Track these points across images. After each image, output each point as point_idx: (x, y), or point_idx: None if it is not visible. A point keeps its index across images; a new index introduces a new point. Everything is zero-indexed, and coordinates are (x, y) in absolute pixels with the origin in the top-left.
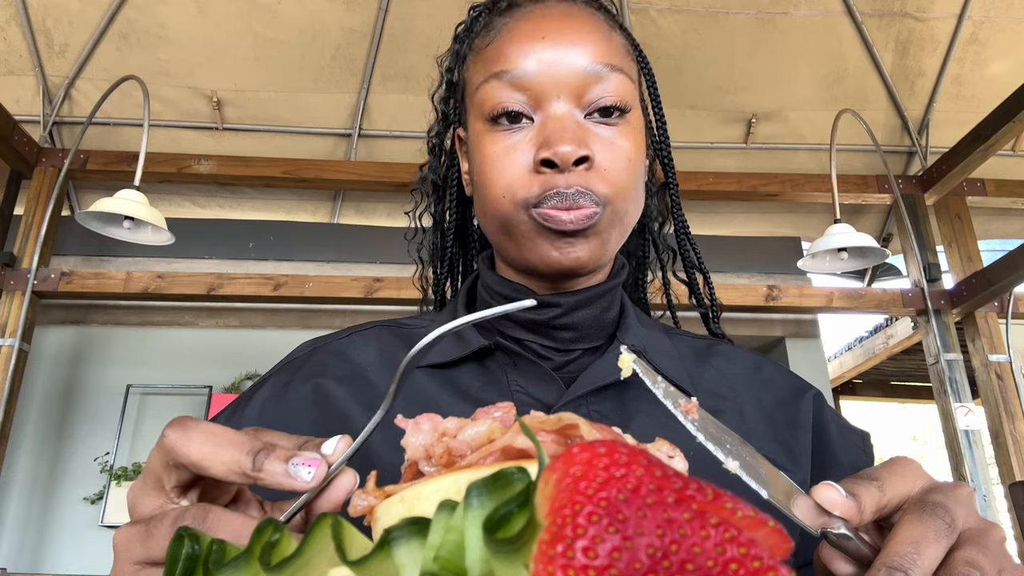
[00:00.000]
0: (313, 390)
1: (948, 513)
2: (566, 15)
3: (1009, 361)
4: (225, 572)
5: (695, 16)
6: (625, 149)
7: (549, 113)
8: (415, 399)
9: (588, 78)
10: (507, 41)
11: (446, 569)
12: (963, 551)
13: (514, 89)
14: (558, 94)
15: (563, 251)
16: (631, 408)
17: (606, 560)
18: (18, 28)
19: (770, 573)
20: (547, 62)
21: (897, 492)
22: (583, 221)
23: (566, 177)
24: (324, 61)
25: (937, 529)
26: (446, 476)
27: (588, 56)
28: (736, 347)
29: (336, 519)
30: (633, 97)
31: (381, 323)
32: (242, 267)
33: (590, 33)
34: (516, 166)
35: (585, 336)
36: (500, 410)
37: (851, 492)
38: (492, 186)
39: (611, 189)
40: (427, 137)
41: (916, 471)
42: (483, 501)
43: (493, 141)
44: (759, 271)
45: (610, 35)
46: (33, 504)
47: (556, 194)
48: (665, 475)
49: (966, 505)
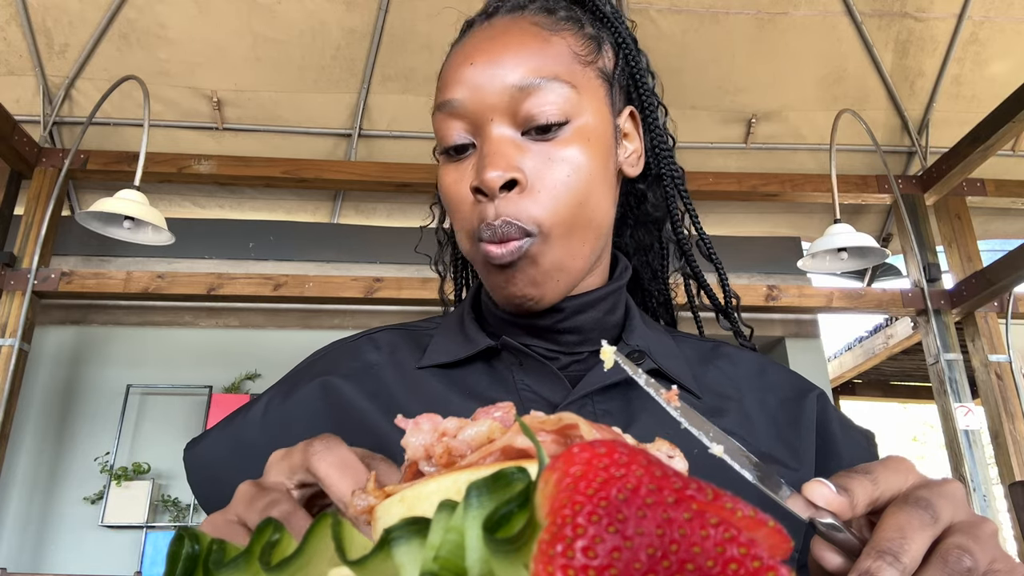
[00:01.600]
0: (320, 386)
1: (932, 506)
2: (501, 31)
3: (1009, 361)
4: (225, 572)
5: (695, 16)
6: (567, 161)
7: (485, 137)
8: (423, 398)
9: (516, 95)
10: (447, 69)
11: (446, 569)
12: (954, 538)
13: (453, 119)
14: (491, 116)
15: (504, 286)
16: (636, 406)
17: (606, 560)
18: (18, 28)
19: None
20: (475, 87)
21: (890, 486)
22: (512, 254)
23: (495, 206)
24: (324, 61)
25: (921, 519)
26: (446, 476)
27: (515, 72)
28: (740, 348)
29: (336, 519)
30: (576, 103)
31: (391, 327)
32: (242, 267)
33: (520, 47)
34: (462, 197)
35: (589, 339)
36: (500, 410)
37: (844, 486)
38: (452, 219)
39: (545, 212)
40: (433, 154)
41: (909, 468)
42: (483, 501)
43: (447, 172)
44: (759, 271)
45: (548, 41)
46: (33, 504)
47: (487, 227)
48: (665, 475)
49: (954, 500)
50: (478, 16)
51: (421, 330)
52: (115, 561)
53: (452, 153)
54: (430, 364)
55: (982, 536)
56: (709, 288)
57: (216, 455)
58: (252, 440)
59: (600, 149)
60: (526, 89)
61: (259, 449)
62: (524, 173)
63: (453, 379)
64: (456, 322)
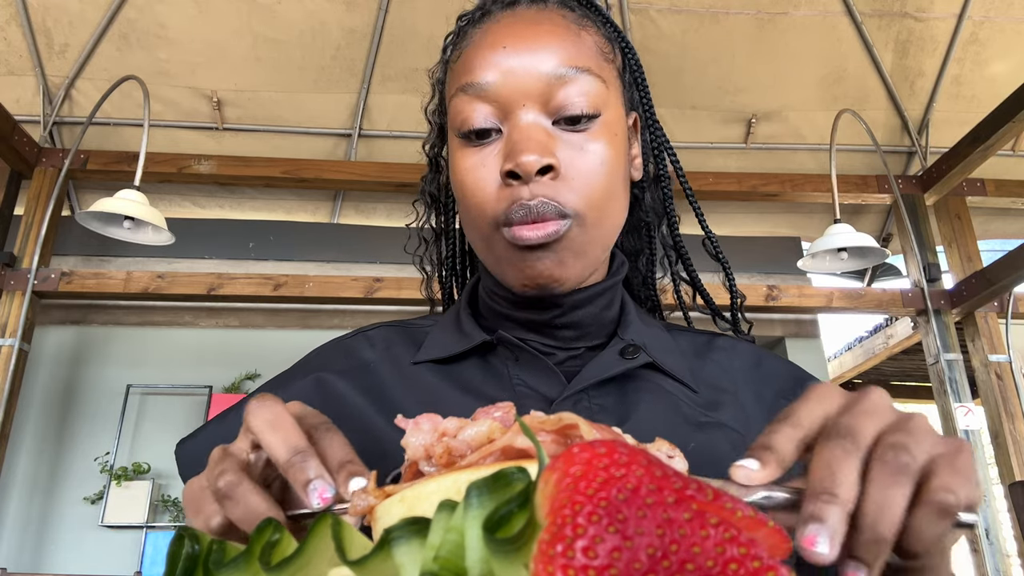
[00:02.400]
0: (314, 381)
1: (853, 431)
2: (531, 21)
3: (1009, 361)
4: (225, 572)
5: (695, 16)
6: (596, 153)
7: (515, 123)
8: (418, 393)
9: (552, 83)
10: (472, 53)
11: (446, 569)
12: (886, 438)
13: (480, 101)
14: (523, 103)
15: (533, 266)
16: (632, 400)
17: (606, 560)
18: (18, 28)
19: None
20: (508, 71)
21: (814, 421)
22: (549, 236)
23: (530, 188)
24: (324, 61)
25: (844, 448)
26: (446, 476)
27: (551, 60)
28: (737, 340)
29: (336, 519)
30: (604, 98)
31: (387, 323)
32: (242, 267)
33: (553, 36)
34: (486, 182)
35: (586, 334)
36: (500, 410)
37: (765, 445)
38: (467, 204)
39: (580, 198)
40: (423, 150)
41: (830, 395)
42: (483, 501)
43: (465, 156)
44: (759, 271)
45: (579, 35)
46: (33, 504)
47: (521, 207)
48: (665, 475)
49: (876, 412)
50: (493, 4)
51: (417, 326)
52: (115, 561)
53: (472, 137)
54: (425, 359)
55: (914, 429)
56: (706, 292)
57: (207, 451)
58: None
59: (622, 146)
60: (561, 78)
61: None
62: (558, 159)
63: (448, 374)
64: (452, 318)
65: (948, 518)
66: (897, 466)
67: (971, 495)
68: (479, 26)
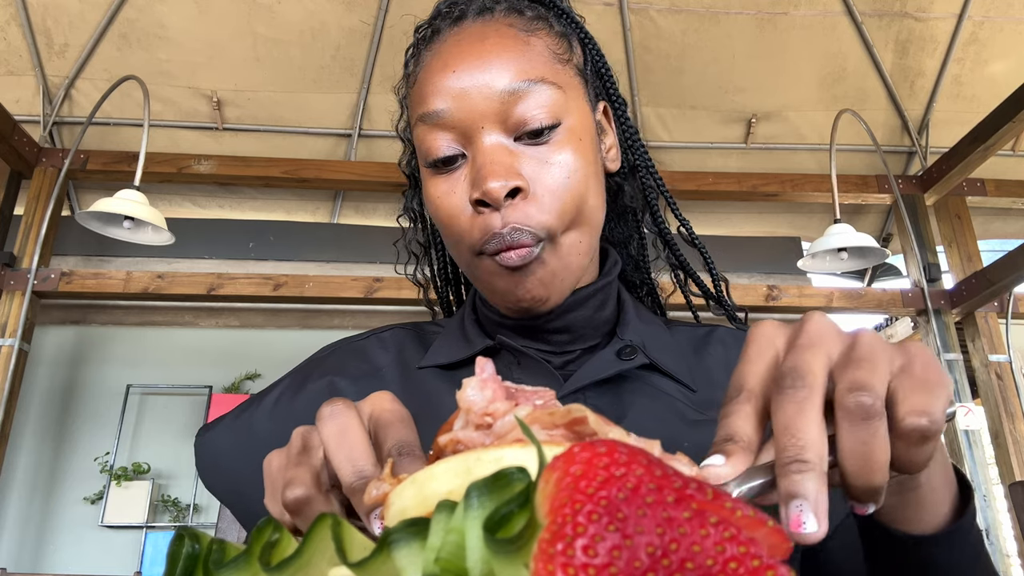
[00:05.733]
0: (327, 385)
1: (800, 374)
2: (477, 37)
3: (1009, 361)
4: (225, 571)
5: (695, 16)
6: (563, 164)
7: (478, 147)
8: (420, 397)
9: (506, 100)
10: (425, 79)
11: (447, 570)
12: (842, 380)
13: (439, 130)
14: (481, 124)
15: (513, 292)
16: (627, 400)
17: (606, 559)
18: (18, 28)
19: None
20: (461, 94)
21: (762, 377)
22: (524, 259)
23: (502, 215)
24: (324, 61)
25: (798, 400)
26: (456, 458)
27: (502, 77)
28: (735, 331)
29: (336, 519)
30: (563, 105)
31: (401, 325)
32: (242, 267)
33: (502, 50)
34: (458, 209)
35: (580, 337)
36: (541, 397)
37: (726, 435)
38: (444, 232)
39: (552, 216)
40: (399, 168)
41: (771, 336)
42: (483, 501)
43: (435, 184)
44: (759, 271)
45: (528, 43)
46: (33, 504)
47: (494, 237)
48: (665, 474)
49: (820, 340)
50: (441, 21)
51: (429, 331)
52: (115, 561)
53: (440, 165)
54: (430, 364)
55: (864, 355)
56: (696, 275)
57: (225, 443)
58: (260, 431)
59: (589, 147)
60: (516, 93)
61: (266, 441)
62: (525, 179)
63: (452, 379)
64: (457, 324)
65: (928, 440)
66: (861, 409)
67: (939, 401)
68: (430, 47)
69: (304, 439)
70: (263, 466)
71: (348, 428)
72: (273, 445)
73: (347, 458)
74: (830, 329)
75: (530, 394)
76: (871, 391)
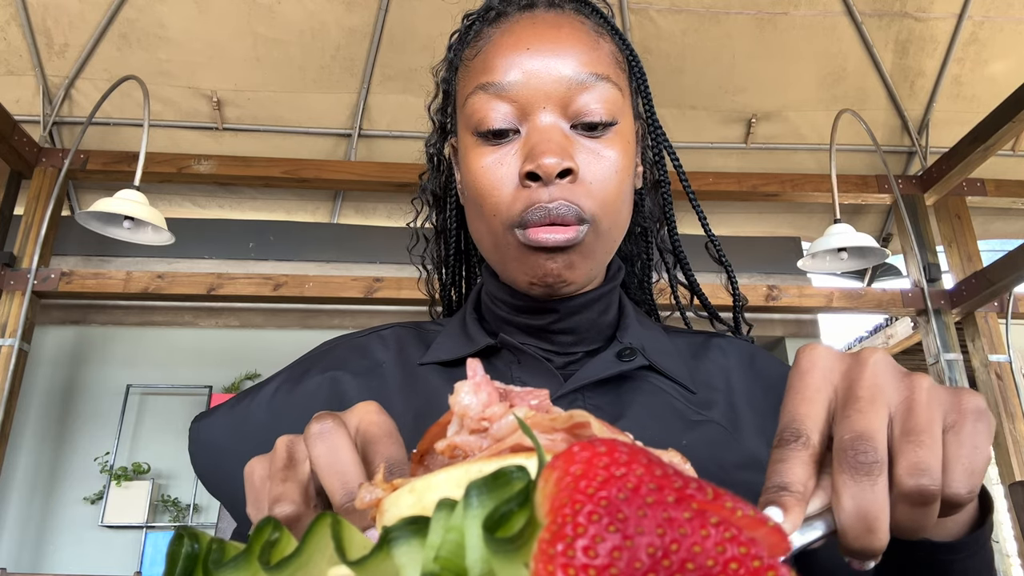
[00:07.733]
0: (330, 380)
1: (866, 447)
2: (552, 24)
3: (1009, 361)
4: (225, 571)
5: (695, 16)
6: (612, 160)
7: (534, 125)
8: (420, 394)
9: (572, 88)
10: (493, 52)
11: (447, 569)
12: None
13: (499, 100)
14: (543, 105)
15: (543, 266)
16: (626, 400)
17: (606, 559)
18: (18, 28)
19: (770, 572)
20: (531, 72)
21: (818, 424)
22: (568, 241)
23: (549, 191)
24: (324, 61)
25: (871, 480)
26: (457, 467)
27: (573, 65)
28: (732, 338)
29: (335, 518)
30: (620, 106)
31: (401, 324)
32: (242, 267)
33: (575, 42)
34: (503, 182)
35: (584, 339)
36: (537, 397)
37: (781, 484)
38: (481, 203)
39: (596, 203)
40: (425, 148)
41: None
42: (483, 500)
43: (481, 155)
44: (759, 271)
45: (597, 43)
46: (33, 504)
47: (539, 208)
48: (665, 474)
49: (879, 394)
50: (507, 5)
51: (429, 329)
52: (115, 561)
53: (489, 136)
54: (431, 361)
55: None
56: (703, 295)
57: (220, 433)
58: (257, 423)
59: (632, 154)
60: (582, 84)
61: (262, 433)
62: (577, 164)
63: (452, 376)
64: (459, 322)
65: (928, 501)
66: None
67: (978, 475)
68: (497, 26)
69: (289, 451)
70: (244, 472)
71: (339, 448)
72: (268, 436)
73: (339, 481)
74: (888, 376)
75: (524, 394)
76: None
